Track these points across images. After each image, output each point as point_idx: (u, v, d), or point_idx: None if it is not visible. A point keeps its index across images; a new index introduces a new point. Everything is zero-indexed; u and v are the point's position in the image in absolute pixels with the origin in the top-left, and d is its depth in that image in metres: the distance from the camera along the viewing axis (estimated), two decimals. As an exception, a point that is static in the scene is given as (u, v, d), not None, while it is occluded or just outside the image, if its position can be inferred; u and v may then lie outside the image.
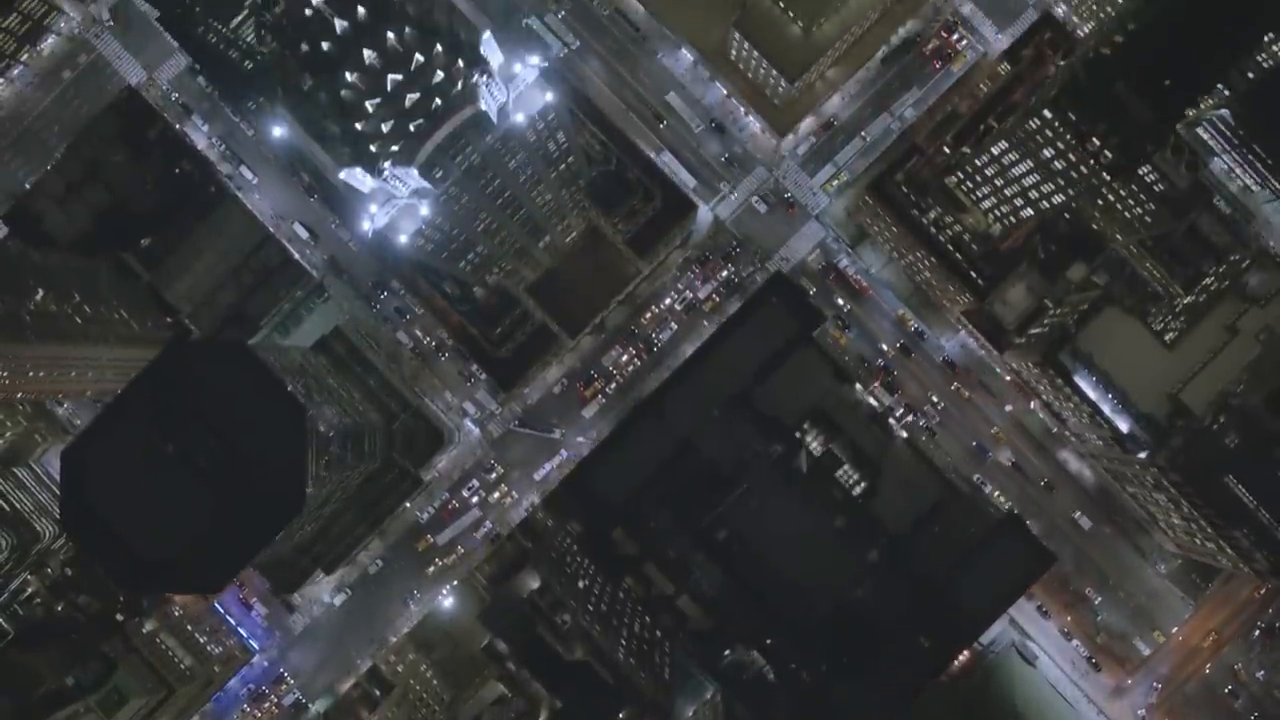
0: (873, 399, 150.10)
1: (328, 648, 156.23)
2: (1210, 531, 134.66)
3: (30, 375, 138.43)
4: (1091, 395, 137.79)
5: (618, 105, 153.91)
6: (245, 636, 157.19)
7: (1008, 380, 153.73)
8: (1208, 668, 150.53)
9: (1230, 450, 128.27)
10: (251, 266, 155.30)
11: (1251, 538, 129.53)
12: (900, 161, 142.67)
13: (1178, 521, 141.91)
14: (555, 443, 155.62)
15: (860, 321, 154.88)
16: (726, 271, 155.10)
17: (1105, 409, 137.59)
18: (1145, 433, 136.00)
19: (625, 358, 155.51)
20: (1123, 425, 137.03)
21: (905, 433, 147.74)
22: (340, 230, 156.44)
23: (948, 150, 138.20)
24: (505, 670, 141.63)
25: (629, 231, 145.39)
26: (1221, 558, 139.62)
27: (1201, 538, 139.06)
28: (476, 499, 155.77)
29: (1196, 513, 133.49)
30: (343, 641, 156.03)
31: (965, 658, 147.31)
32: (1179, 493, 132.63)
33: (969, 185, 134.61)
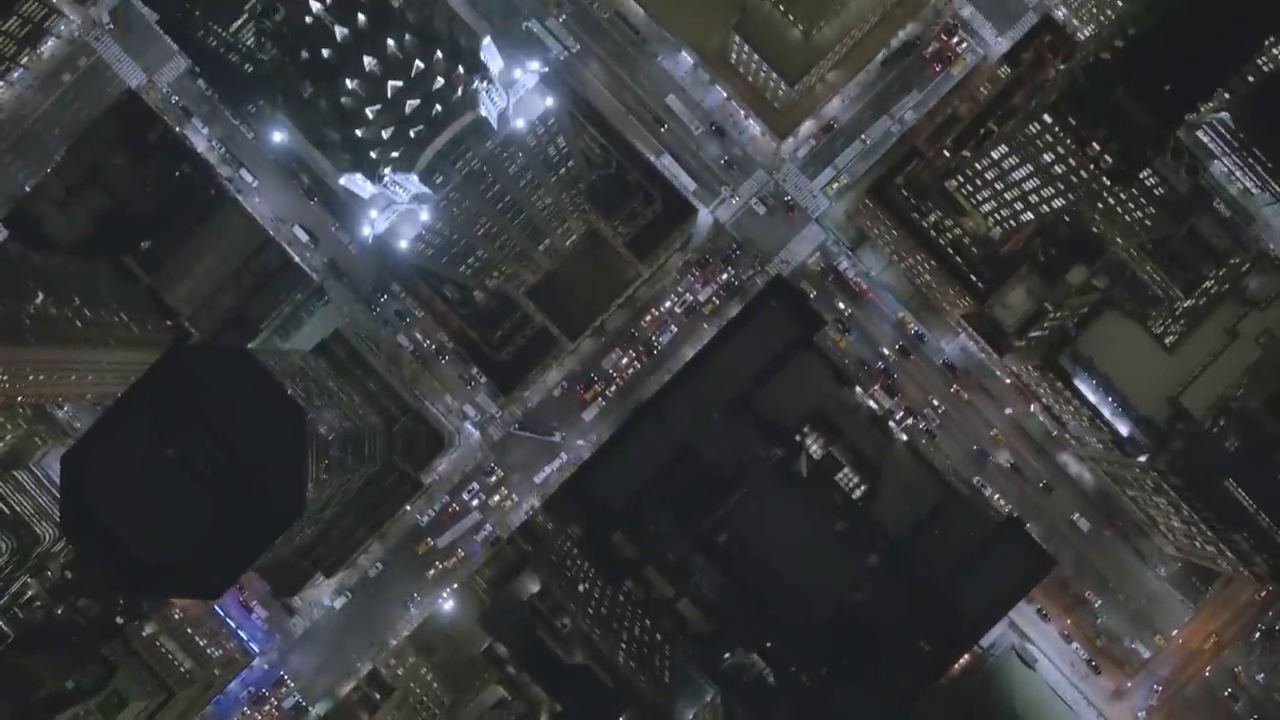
0: (873, 402, 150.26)
1: (328, 651, 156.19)
2: (1210, 535, 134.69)
3: (30, 379, 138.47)
4: (1091, 398, 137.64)
5: (618, 108, 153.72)
6: (245, 639, 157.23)
7: (1008, 383, 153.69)
8: (1208, 671, 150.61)
9: (1230, 454, 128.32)
10: (251, 269, 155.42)
11: (1251, 541, 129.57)
12: (900, 165, 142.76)
13: (1178, 525, 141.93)
14: (555, 446, 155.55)
15: (860, 324, 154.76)
16: (726, 274, 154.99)
17: (1105, 412, 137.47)
18: (1145, 436, 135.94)
19: (625, 360, 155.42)
20: (1123, 428, 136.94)
21: (905, 436, 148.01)
22: (340, 233, 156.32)
23: (948, 154, 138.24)
24: (505, 674, 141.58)
25: (629, 234, 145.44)
26: (1221, 561, 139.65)
27: (1201, 541, 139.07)
28: (476, 502, 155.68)
29: (1196, 516, 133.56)
30: (343, 644, 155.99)
31: (965, 661, 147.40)
32: (1179, 496, 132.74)
33: (969, 189, 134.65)
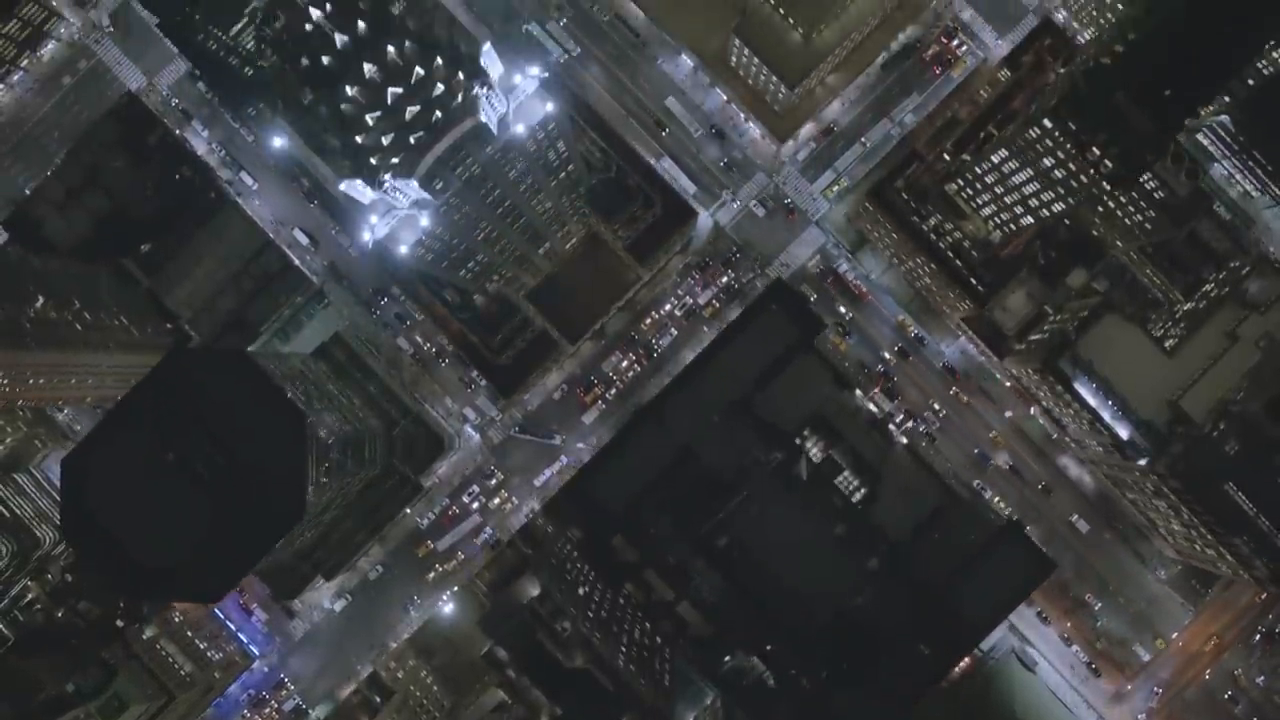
0: (873, 405, 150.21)
1: (328, 653, 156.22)
2: (1210, 538, 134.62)
3: (30, 382, 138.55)
4: (1091, 402, 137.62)
5: (618, 111, 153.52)
6: (245, 642, 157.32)
7: (1008, 386, 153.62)
8: (1208, 673, 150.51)
9: (1230, 457, 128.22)
10: (251, 272, 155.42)
11: (1251, 545, 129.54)
12: (900, 168, 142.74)
13: (1177, 528, 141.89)
14: (555, 449, 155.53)
15: (860, 327, 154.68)
16: (726, 277, 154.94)
17: (1105, 416, 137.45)
18: (1145, 440, 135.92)
19: (625, 364, 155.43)
20: (1122, 432, 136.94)
21: (905, 439, 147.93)
22: (340, 236, 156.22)
23: (948, 157, 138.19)
24: (505, 677, 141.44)
25: (629, 238, 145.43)
26: (1221, 564, 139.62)
27: (1201, 544, 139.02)
28: (477, 505, 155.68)
29: (1196, 519, 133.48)
30: (343, 647, 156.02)
31: (965, 664, 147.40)
32: (1179, 500, 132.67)
33: (969, 192, 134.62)
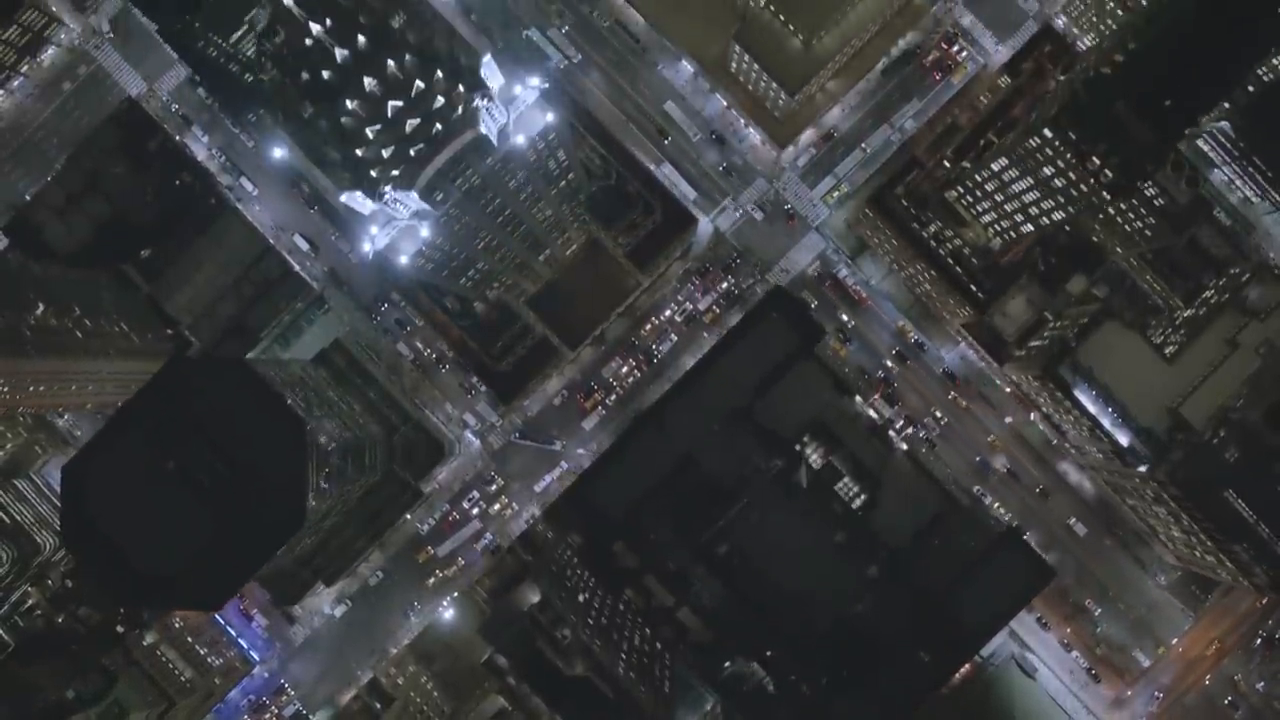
0: (873, 411, 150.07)
1: (328, 659, 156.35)
2: (1210, 545, 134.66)
3: (31, 389, 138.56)
4: (1091, 409, 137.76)
5: (618, 117, 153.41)
6: (246, 648, 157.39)
7: (1008, 392, 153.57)
8: (1207, 679, 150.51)
9: (1230, 464, 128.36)
10: (252, 278, 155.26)
11: (1251, 552, 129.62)
12: (900, 174, 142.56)
13: (1177, 534, 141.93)
14: (555, 454, 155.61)
15: (860, 333, 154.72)
16: (727, 283, 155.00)
17: (1105, 422, 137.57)
18: (1145, 446, 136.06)
19: (625, 369, 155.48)
20: (1122, 439, 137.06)
21: (905, 445, 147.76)
22: (340, 242, 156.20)
23: (948, 164, 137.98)
24: (505, 684, 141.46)
25: (629, 244, 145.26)
26: (1221, 571, 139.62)
27: (1201, 551, 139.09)
28: (477, 511, 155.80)
29: (1196, 526, 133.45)
30: (343, 653, 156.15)
31: (965, 670, 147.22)
32: (1179, 506, 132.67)
33: (969, 200, 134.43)
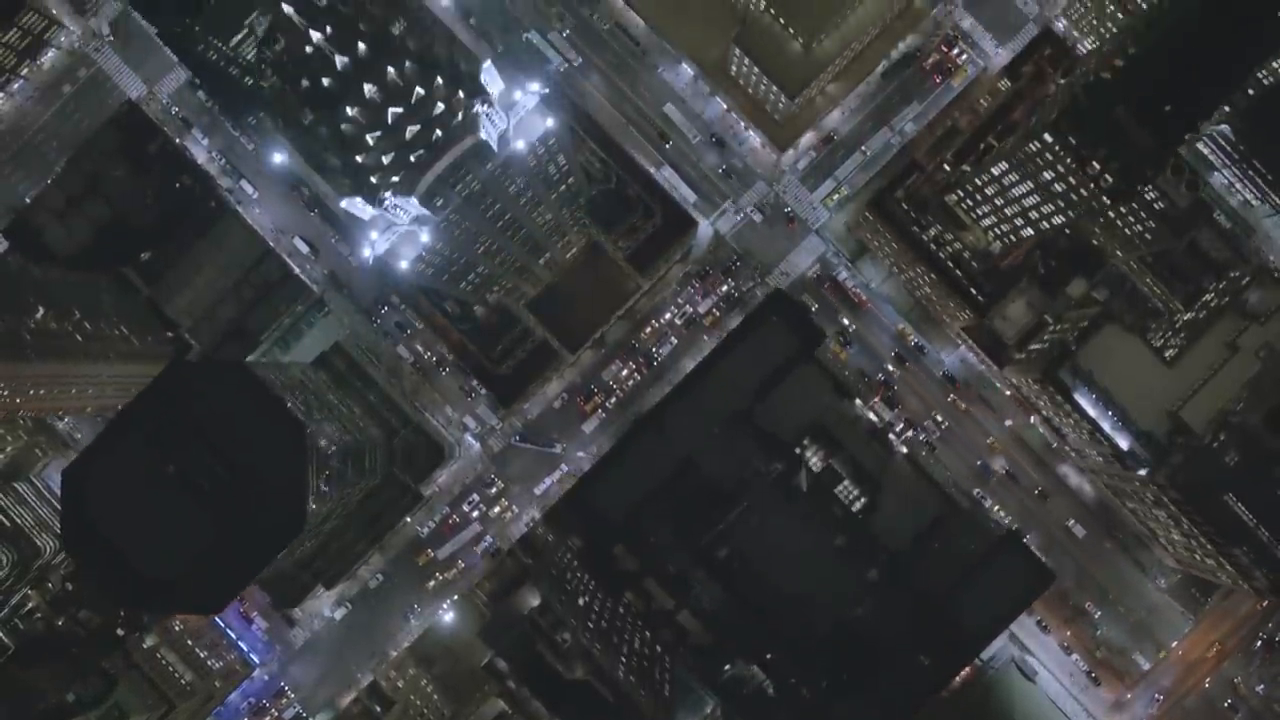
0: (873, 414, 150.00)
1: (328, 662, 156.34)
2: (1210, 548, 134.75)
3: (31, 393, 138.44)
4: (1091, 412, 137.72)
5: (618, 120, 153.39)
6: (246, 651, 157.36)
7: (1008, 395, 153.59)
8: (1207, 682, 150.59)
9: (1230, 468, 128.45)
10: (252, 281, 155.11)
11: (1251, 555, 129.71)
12: (900, 178, 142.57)
13: (1177, 538, 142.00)
14: (556, 457, 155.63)
15: (860, 336, 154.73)
16: (727, 286, 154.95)
17: (1105, 426, 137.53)
18: (1145, 450, 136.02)
19: (625, 372, 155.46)
20: (1122, 442, 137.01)
21: (905, 448, 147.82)
22: (340, 245, 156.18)
23: (948, 168, 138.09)
24: (506, 688, 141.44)
25: (629, 247, 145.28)
26: (1221, 574, 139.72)
27: (1201, 554, 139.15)
28: (477, 514, 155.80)
29: (1196, 530, 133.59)
30: (343, 656, 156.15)
31: (965, 673, 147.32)
32: (1178, 510, 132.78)
33: (969, 203, 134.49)
